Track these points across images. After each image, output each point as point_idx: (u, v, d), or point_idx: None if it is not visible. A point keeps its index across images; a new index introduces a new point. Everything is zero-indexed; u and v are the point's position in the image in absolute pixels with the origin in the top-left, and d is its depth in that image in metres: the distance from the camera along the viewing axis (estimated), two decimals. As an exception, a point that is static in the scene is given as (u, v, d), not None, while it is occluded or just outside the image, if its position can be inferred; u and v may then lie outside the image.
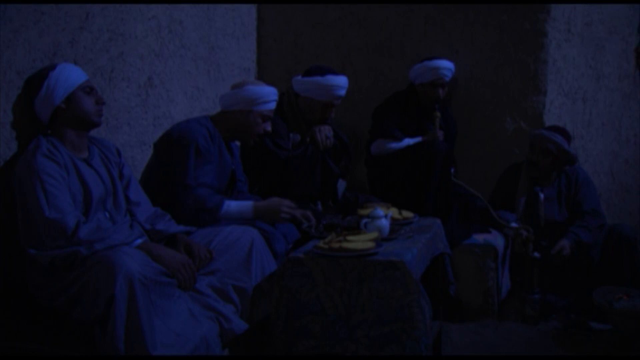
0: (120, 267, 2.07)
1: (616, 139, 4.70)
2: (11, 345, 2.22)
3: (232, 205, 2.92)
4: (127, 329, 2.06)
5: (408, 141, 3.88)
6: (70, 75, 2.43)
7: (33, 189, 2.22)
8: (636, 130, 4.81)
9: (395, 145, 3.85)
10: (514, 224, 3.75)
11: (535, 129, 3.99)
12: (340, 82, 3.40)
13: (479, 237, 3.73)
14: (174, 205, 2.81)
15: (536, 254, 3.61)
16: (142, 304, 2.07)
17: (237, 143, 3.30)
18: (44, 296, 2.27)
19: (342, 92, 3.43)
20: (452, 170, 3.84)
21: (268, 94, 3.07)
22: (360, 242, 2.43)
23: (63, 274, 2.21)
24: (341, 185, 3.68)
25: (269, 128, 3.10)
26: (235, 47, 4.24)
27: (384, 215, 2.68)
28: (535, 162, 3.84)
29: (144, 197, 2.66)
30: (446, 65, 3.94)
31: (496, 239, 3.75)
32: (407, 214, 3.01)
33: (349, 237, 2.48)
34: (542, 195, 3.80)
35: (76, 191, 2.34)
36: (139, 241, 2.32)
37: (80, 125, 2.45)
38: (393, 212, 2.90)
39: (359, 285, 2.36)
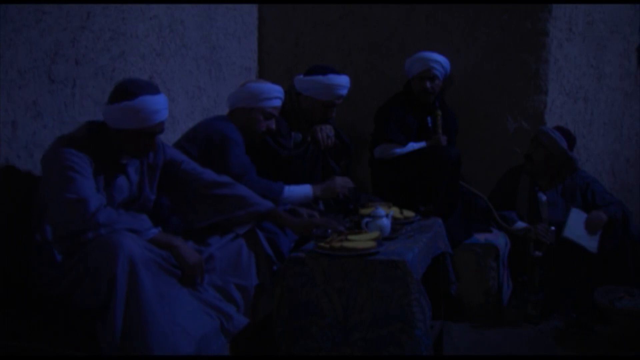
0: (122, 248, 2.06)
1: (617, 138, 4.70)
2: (11, 344, 2.22)
3: (292, 189, 3.08)
4: (129, 307, 2.05)
5: (412, 145, 3.87)
6: (137, 117, 2.32)
7: (59, 174, 2.21)
8: (637, 129, 4.81)
9: (399, 150, 3.85)
10: (521, 224, 3.74)
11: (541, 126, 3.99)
12: (342, 81, 3.40)
13: (480, 237, 3.72)
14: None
15: (537, 253, 3.61)
16: (144, 284, 2.07)
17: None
18: (45, 282, 2.27)
19: (344, 92, 3.43)
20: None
21: (269, 91, 3.07)
22: (361, 241, 2.43)
23: (66, 260, 2.21)
24: (342, 184, 3.68)
25: (273, 126, 3.11)
26: (236, 46, 4.24)
27: (385, 215, 2.68)
28: (531, 156, 3.84)
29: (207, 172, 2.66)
30: (434, 58, 3.91)
31: (497, 239, 3.75)
32: (408, 213, 3.01)
33: (350, 237, 2.48)
34: (543, 197, 3.79)
35: (101, 190, 2.34)
36: (155, 231, 2.30)
37: (120, 149, 2.42)
38: (394, 211, 2.90)
39: (359, 285, 2.36)
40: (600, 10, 4.40)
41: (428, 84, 3.90)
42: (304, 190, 3.12)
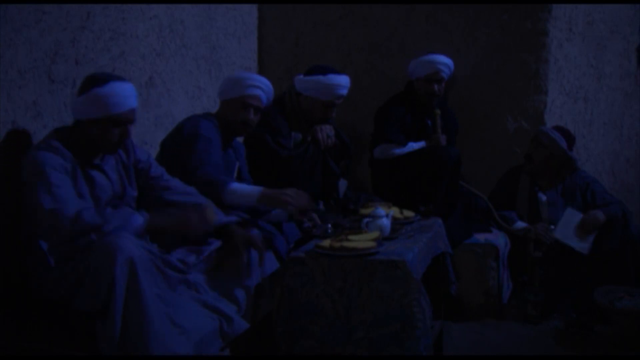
0: (120, 250, 2.06)
1: (617, 138, 4.70)
2: (11, 344, 2.22)
3: (242, 187, 2.77)
4: (128, 309, 2.05)
5: (412, 145, 3.88)
6: (108, 102, 2.33)
7: (36, 182, 2.21)
8: (637, 129, 4.81)
9: (399, 150, 3.86)
10: (520, 224, 3.74)
11: (540, 126, 4.00)
12: (342, 81, 3.40)
13: (480, 237, 3.73)
14: None
15: (537, 253, 3.61)
16: (143, 285, 2.07)
17: (241, 142, 3.30)
18: (46, 286, 2.26)
19: (344, 92, 3.43)
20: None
21: (246, 79, 3.00)
22: (361, 241, 2.43)
23: (62, 265, 2.21)
24: (343, 184, 3.69)
25: (252, 117, 3.00)
26: (236, 46, 4.24)
27: (385, 215, 2.68)
28: (531, 156, 3.84)
29: (174, 180, 2.65)
30: (443, 61, 3.92)
31: (497, 239, 3.75)
32: (408, 213, 3.01)
33: (351, 237, 2.48)
34: (543, 197, 3.80)
35: (84, 193, 2.34)
36: (140, 219, 2.28)
37: (95, 145, 2.41)
38: (394, 211, 2.90)
39: (359, 285, 2.36)
40: (600, 10, 4.40)
41: (436, 87, 3.92)
42: (250, 191, 2.77)
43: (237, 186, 2.76)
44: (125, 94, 2.37)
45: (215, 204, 2.66)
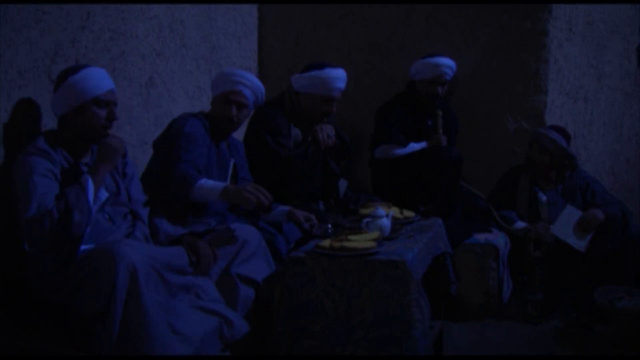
0: (122, 257, 2.07)
1: (617, 139, 4.71)
2: (11, 344, 2.22)
3: (208, 183, 2.71)
4: (128, 315, 2.05)
5: (413, 146, 3.88)
6: (86, 86, 2.38)
7: (20, 191, 2.23)
8: (637, 129, 4.81)
9: (400, 151, 3.86)
10: (520, 224, 3.74)
11: (536, 127, 4.00)
12: (339, 74, 3.40)
13: (480, 237, 3.73)
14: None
15: (537, 253, 3.61)
16: (144, 293, 2.07)
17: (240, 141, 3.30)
18: (46, 287, 2.27)
19: (342, 85, 3.42)
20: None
21: (228, 75, 3.01)
22: (361, 241, 2.43)
23: (61, 270, 2.21)
24: (343, 184, 3.69)
25: (234, 112, 2.98)
26: (236, 46, 4.24)
27: (385, 215, 2.68)
28: (532, 159, 3.84)
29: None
30: (447, 63, 3.93)
31: (497, 239, 3.75)
32: (408, 213, 3.01)
33: (351, 237, 2.48)
34: (543, 197, 3.79)
35: None
36: (89, 179, 2.29)
37: (84, 136, 2.43)
38: (394, 211, 2.90)
39: (359, 285, 2.36)
40: (600, 10, 4.40)
41: (439, 89, 3.92)
42: (215, 186, 2.71)
43: (204, 182, 2.74)
44: (100, 76, 2.43)
45: (185, 200, 2.71)
